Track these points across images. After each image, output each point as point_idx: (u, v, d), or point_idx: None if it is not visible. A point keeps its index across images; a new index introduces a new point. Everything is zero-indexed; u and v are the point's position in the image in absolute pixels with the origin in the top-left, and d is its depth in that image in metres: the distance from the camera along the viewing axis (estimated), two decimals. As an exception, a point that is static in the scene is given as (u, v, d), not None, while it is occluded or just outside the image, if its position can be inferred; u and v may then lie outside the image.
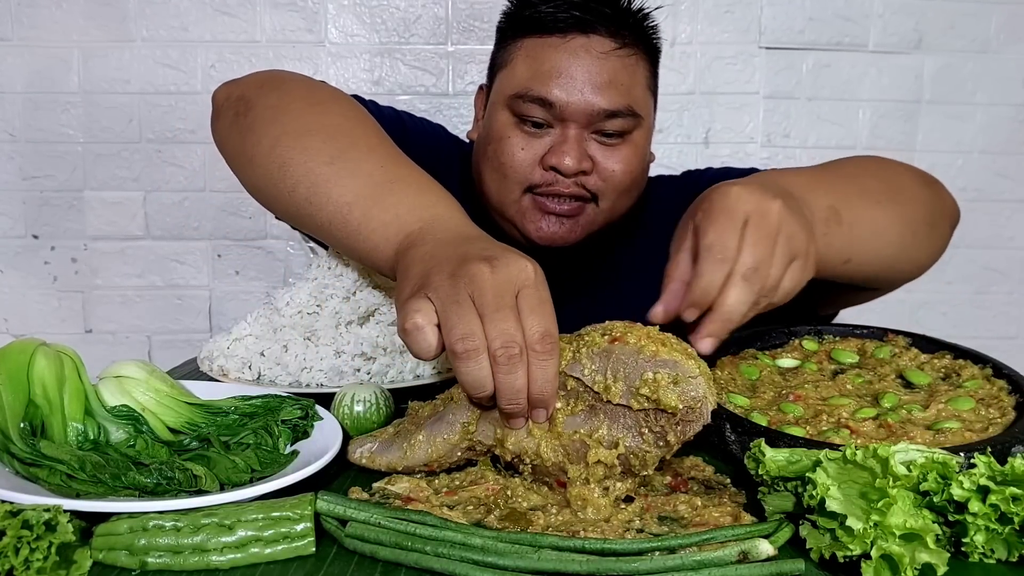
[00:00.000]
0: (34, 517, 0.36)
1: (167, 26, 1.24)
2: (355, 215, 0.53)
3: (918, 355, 0.61)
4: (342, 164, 0.55)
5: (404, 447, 0.46)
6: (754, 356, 0.63)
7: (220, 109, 0.64)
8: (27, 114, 1.26)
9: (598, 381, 0.42)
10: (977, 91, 1.28)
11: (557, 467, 0.43)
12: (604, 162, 0.72)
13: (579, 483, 0.43)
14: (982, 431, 0.49)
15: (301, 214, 0.56)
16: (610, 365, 0.42)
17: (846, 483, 0.38)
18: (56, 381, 0.47)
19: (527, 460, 0.44)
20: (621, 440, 0.42)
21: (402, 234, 0.50)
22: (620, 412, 0.42)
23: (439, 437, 0.45)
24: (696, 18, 1.26)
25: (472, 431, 0.45)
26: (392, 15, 1.27)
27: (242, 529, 0.38)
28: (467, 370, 0.41)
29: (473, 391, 0.42)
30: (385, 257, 0.51)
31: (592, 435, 0.42)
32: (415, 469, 0.46)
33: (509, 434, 0.44)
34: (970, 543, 0.38)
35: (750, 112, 1.27)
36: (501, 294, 0.42)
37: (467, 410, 0.45)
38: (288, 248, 1.31)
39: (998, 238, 1.32)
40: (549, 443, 0.43)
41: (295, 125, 0.58)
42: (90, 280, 1.29)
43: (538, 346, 0.41)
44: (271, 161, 0.57)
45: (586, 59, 0.69)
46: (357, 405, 0.54)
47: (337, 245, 0.57)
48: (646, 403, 0.41)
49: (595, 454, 0.42)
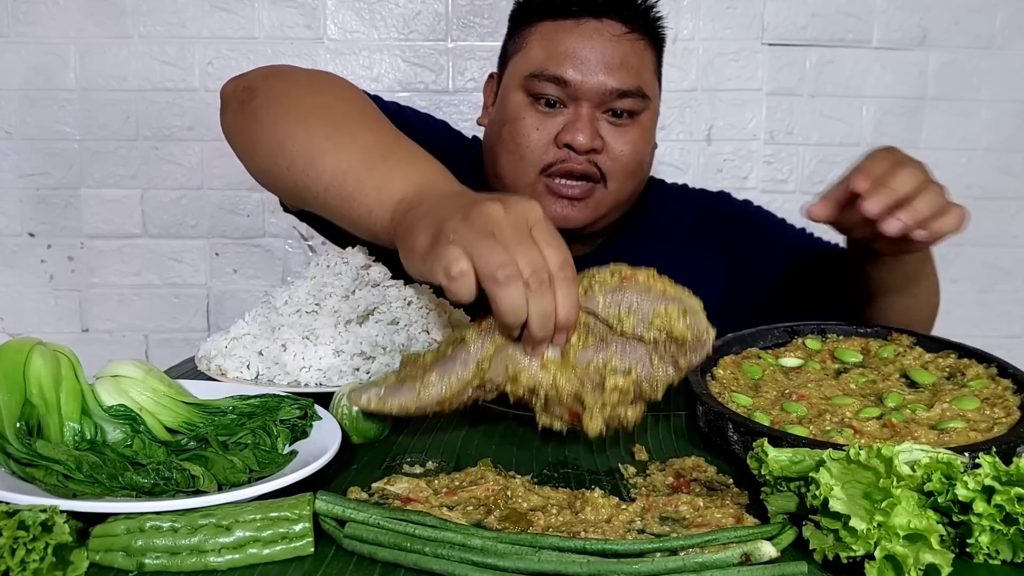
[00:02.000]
0: (30, 518, 0.35)
1: (164, 22, 1.24)
2: (350, 182, 0.55)
3: (922, 354, 0.61)
4: (339, 137, 0.57)
5: (417, 387, 0.47)
6: (757, 355, 0.63)
7: (227, 101, 0.68)
8: (23, 111, 1.25)
9: (612, 314, 0.45)
10: (982, 87, 1.27)
11: (572, 396, 0.46)
12: (614, 143, 0.76)
13: (595, 410, 0.45)
14: (987, 431, 0.49)
15: (299, 187, 0.59)
16: (623, 300, 0.45)
17: (850, 483, 0.38)
18: (52, 380, 0.47)
19: (541, 393, 0.46)
20: (633, 368, 0.46)
21: (397, 197, 0.52)
22: (630, 344, 0.46)
23: (452, 376, 0.47)
24: (698, 14, 1.25)
25: (485, 368, 0.46)
26: (391, 11, 1.26)
27: (240, 530, 0.38)
28: (508, 297, 0.43)
29: (512, 318, 0.44)
30: (381, 222, 0.53)
31: (606, 365, 0.46)
32: (427, 410, 0.47)
33: (522, 370, 0.46)
34: (975, 544, 0.38)
35: (753, 109, 1.27)
36: (519, 228, 0.44)
37: (481, 349, 0.46)
38: (287, 246, 1.30)
39: (1003, 236, 1.31)
40: (564, 374, 0.46)
41: (296, 106, 0.61)
42: (87, 278, 1.29)
43: (560, 273, 0.44)
44: (273, 140, 0.60)
45: (599, 41, 0.73)
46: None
47: (334, 215, 0.58)
48: (657, 334, 0.45)
49: (612, 381, 0.46)
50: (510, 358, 0.46)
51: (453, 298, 0.44)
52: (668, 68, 1.26)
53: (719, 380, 0.59)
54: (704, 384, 0.57)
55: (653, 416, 0.60)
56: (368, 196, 0.54)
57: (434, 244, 0.45)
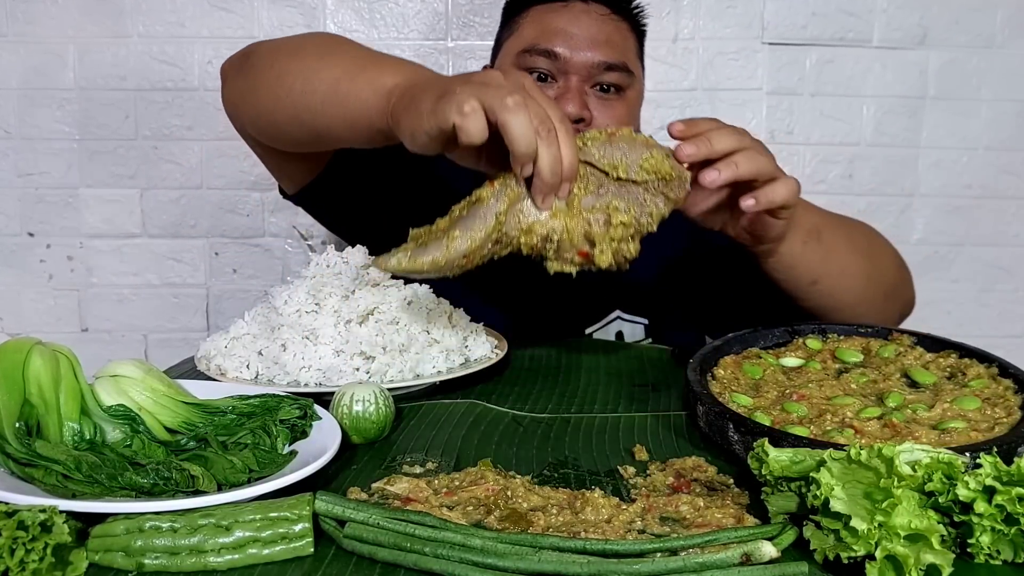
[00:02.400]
0: (29, 518, 0.35)
1: (163, 22, 1.23)
2: (343, 84, 0.60)
3: (923, 354, 0.60)
4: (328, 59, 0.64)
5: (444, 243, 0.52)
6: (758, 355, 0.63)
7: (226, 72, 0.74)
8: (22, 110, 1.25)
9: (607, 163, 0.53)
10: (982, 87, 1.27)
11: (582, 237, 0.53)
12: (600, 116, 0.79)
13: (604, 245, 0.52)
14: (988, 431, 0.49)
15: (299, 110, 0.64)
16: (614, 151, 0.53)
17: (850, 483, 0.38)
18: (52, 380, 0.47)
19: (554, 239, 0.53)
20: (631, 205, 0.53)
21: (390, 85, 0.57)
22: (624, 186, 0.53)
23: (475, 231, 0.52)
24: (698, 13, 1.25)
25: (503, 221, 0.52)
26: (391, 10, 1.26)
27: (240, 530, 0.38)
28: (519, 124, 0.47)
29: (524, 145, 0.48)
30: (377, 109, 0.57)
31: (608, 206, 0.53)
32: (455, 263, 0.52)
33: (535, 221, 0.52)
34: (976, 544, 0.38)
35: (753, 108, 1.27)
36: (519, 88, 0.49)
37: (497, 204, 0.52)
38: (286, 246, 1.30)
39: (1003, 235, 1.31)
40: (573, 219, 0.52)
41: (287, 47, 0.69)
42: (86, 278, 1.29)
43: (561, 126, 0.49)
44: (270, 75, 0.66)
45: (586, 20, 0.78)
46: (356, 405, 0.53)
47: (332, 121, 0.62)
48: (647, 176, 0.53)
49: (616, 217, 0.53)
50: (522, 212, 0.52)
51: (466, 138, 0.48)
52: (668, 68, 1.26)
53: (720, 380, 0.59)
54: (705, 384, 0.56)
55: (653, 416, 0.60)
56: (362, 91, 0.58)
57: (441, 98, 0.49)
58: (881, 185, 1.29)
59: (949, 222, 1.30)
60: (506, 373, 0.71)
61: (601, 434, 0.56)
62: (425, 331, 0.67)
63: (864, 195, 1.28)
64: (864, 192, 1.28)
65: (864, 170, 1.29)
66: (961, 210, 1.30)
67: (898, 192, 1.29)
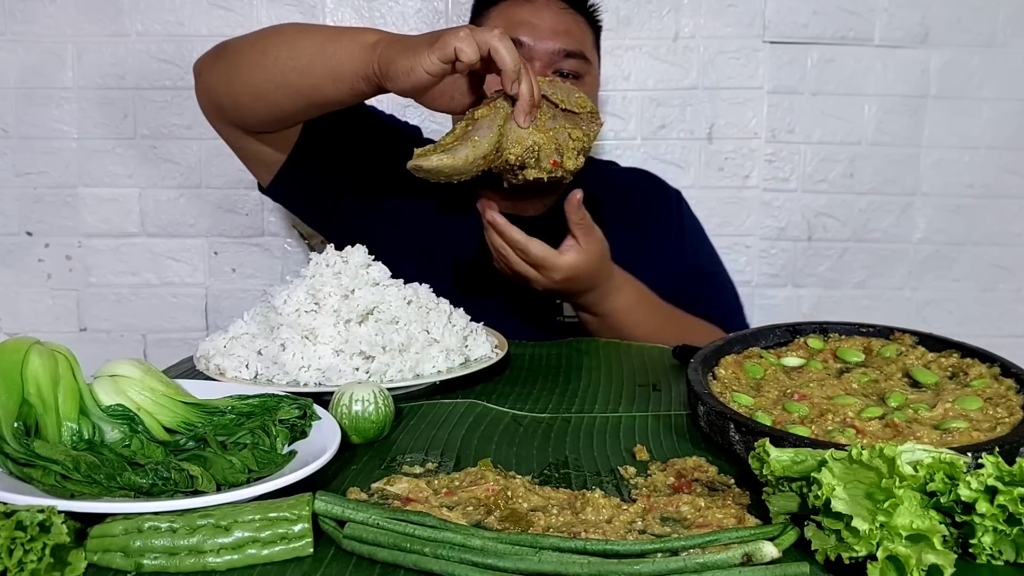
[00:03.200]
0: (28, 518, 0.35)
1: (162, 20, 1.23)
2: (329, 46, 0.70)
3: (925, 354, 0.60)
4: (308, 30, 0.76)
5: (470, 144, 0.65)
6: (759, 355, 0.62)
7: (202, 67, 0.81)
8: (20, 109, 1.24)
9: (558, 98, 0.71)
10: (984, 86, 1.27)
11: (553, 148, 0.69)
12: None
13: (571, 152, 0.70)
14: (990, 431, 0.49)
15: (285, 71, 0.72)
16: (558, 90, 0.72)
17: (852, 483, 0.38)
18: (50, 380, 0.47)
19: (535, 150, 0.69)
20: (578, 125, 0.72)
21: (373, 40, 0.68)
22: (569, 115, 0.72)
23: (487, 138, 0.66)
24: (699, 12, 1.24)
25: (503, 133, 0.67)
26: (391, 9, 1.26)
27: (239, 530, 0.38)
28: (507, 47, 0.63)
29: (513, 63, 0.63)
30: (364, 60, 0.67)
31: (565, 126, 0.71)
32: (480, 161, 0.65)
33: (521, 135, 0.68)
34: (978, 544, 0.38)
35: (754, 107, 1.26)
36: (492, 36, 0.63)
37: (495, 119, 0.66)
38: (286, 246, 1.30)
39: (1005, 235, 1.31)
40: (544, 135, 0.69)
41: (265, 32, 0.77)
42: (84, 278, 1.29)
43: (526, 65, 0.66)
44: (255, 52, 0.75)
45: (547, 13, 0.89)
46: (356, 404, 0.53)
47: (319, 79, 0.71)
48: (580, 108, 0.72)
49: (572, 134, 0.71)
50: (511, 130, 0.67)
51: (465, 58, 0.61)
52: (668, 66, 1.26)
53: (720, 380, 0.59)
54: (705, 384, 0.56)
55: (654, 416, 0.60)
56: (347, 47, 0.69)
57: (438, 37, 0.62)
58: (882, 184, 1.29)
59: (951, 221, 1.30)
60: (506, 373, 0.71)
61: (602, 434, 0.56)
62: (425, 331, 0.67)
63: (865, 194, 1.28)
64: (865, 191, 1.28)
65: (865, 169, 1.28)
66: (963, 209, 1.30)
67: (899, 191, 1.29)
